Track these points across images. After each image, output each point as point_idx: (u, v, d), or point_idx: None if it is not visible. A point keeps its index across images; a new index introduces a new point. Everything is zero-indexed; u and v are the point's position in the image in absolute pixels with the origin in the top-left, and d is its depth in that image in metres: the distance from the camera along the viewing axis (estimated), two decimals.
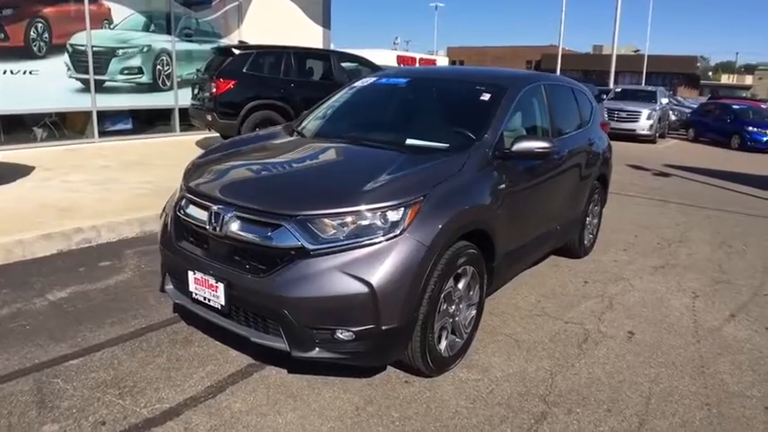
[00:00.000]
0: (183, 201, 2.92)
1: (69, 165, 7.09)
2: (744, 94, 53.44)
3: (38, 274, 3.98)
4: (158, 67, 9.74)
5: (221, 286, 2.57)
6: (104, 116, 9.19)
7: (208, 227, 2.64)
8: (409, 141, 3.34)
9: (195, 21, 10.28)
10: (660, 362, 3.26)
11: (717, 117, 17.97)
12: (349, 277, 2.37)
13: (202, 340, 3.16)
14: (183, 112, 10.03)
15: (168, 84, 9.97)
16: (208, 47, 10.21)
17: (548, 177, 3.83)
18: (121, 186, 6.02)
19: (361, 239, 2.43)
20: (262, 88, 8.26)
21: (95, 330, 3.22)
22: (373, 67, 9.83)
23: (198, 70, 9.06)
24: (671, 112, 20.10)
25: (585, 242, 5.05)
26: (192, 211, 2.83)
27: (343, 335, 2.44)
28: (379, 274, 2.37)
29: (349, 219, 2.45)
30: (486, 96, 3.52)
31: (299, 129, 3.76)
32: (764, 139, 16.03)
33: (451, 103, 3.69)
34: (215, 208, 2.65)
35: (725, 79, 79.49)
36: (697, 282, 4.67)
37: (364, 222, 2.46)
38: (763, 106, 18.88)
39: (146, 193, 5.81)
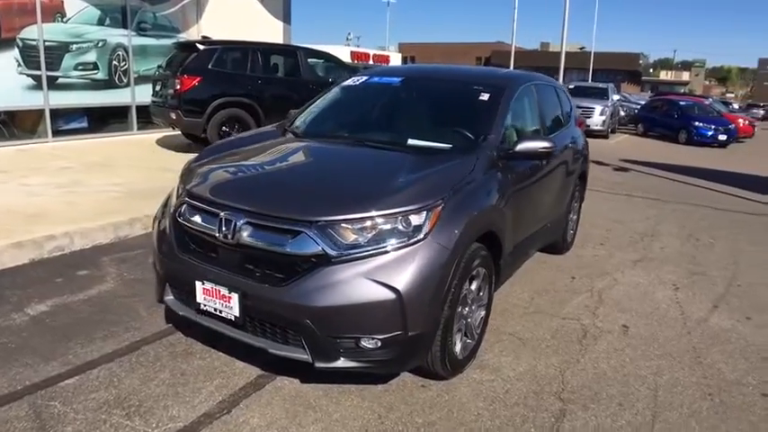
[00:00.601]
0: (184, 206, 2.76)
1: (27, 167, 6.66)
2: (682, 90, 56.18)
3: (12, 286, 3.71)
4: (114, 62, 9.28)
5: (235, 297, 2.45)
6: (57, 114, 8.68)
7: (217, 234, 2.51)
8: (411, 142, 3.29)
9: (152, 15, 9.85)
10: (658, 354, 3.36)
11: (664, 113, 18.79)
12: (375, 284, 2.30)
13: (204, 352, 3.02)
14: (141, 109, 9.64)
15: (125, 80, 9.51)
16: (166, 42, 9.81)
17: (542, 176, 3.87)
18: (88, 189, 5.70)
19: (384, 244, 2.37)
20: (228, 85, 8.03)
21: (86, 346, 3.02)
22: (341, 65, 9.73)
23: (159, 66, 8.69)
24: (620, 107, 20.86)
25: (567, 238, 5.15)
26: (196, 217, 2.68)
27: (368, 343, 2.38)
28: (405, 280, 2.32)
29: (371, 223, 2.39)
30: (484, 96, 3.52)
31: (295, 129, 3.64)
32: (709, 133, 16.89)
33: (451, 104, 3.66)
34: (224, 214, 2.52)
35: (663, 75, 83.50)
36: (675, 274, 4.84)
37: (386, 227, 2.40)
38: (706, 102, 19.86)
39: (116, 196, 5.52)
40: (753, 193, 9.21)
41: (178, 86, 7.56)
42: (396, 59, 47.91)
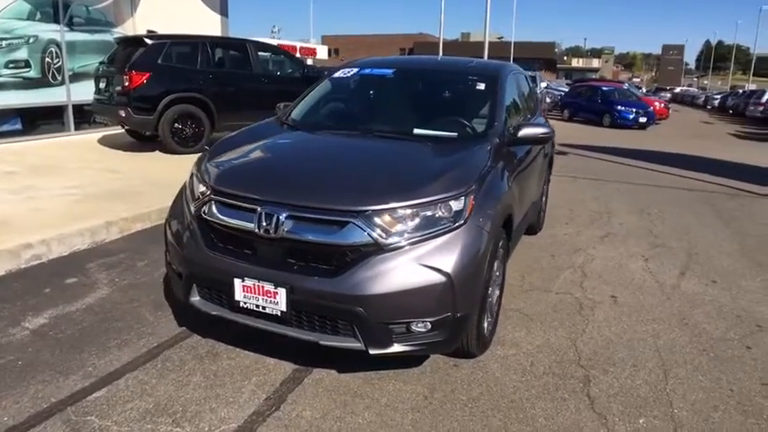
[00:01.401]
0: (211, 204, 2.69)
1: None
2: (593, 76, 59.62)
3: None
4: (47, 59, 8.63)
5: (282, 292, 2.44)
6: None
7: (257, 230, 2.48)
8: (417, 131, 3.36)
9: (85, 8, 9.22)
10: (650, 319, 3.65)
11: (588, 98, 19.90)
12: (426, 269, 2.38)
13: (230, 352, 2.97)
14: (78, 108, 9.07)
15: (59, 78, 8.88)
16: (101, 37, 9.28)
17: (531, 160, 4.07)
18: (46, 194, 5.33)
19: (431, 230, 2.44)
20: (179, 81, 7.71)
21: (102, 356, 2.88)
22: (290, 58, 9.59)
23: (102, 62, 8.19)
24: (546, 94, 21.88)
25: (540, 218, 5.42)
26: (227, 213, 2.63)
27: (418, 326, 2.45)
28: (454, 263, 2.41)
29: (416, 211, 2.46)
30: (481, 86, 3.66)
31: (296, 122, 3.61)
32: (631, 116, 18.10)
33: (450, 94, 3.77)
34: (263, 209, 2.49)
35: (575, 63, 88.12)
36: (639, 247, 5.23)
37: (429, 213, 2.48)
38: (624, 86, 21.19)
39: (77, 200, 5.21)
40: (681, 170, 10.01)
41: (127, 83, 7.18)
42: (322, 52, 47.70)
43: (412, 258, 2.38)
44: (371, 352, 2.44)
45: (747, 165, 11.38)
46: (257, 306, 2.52)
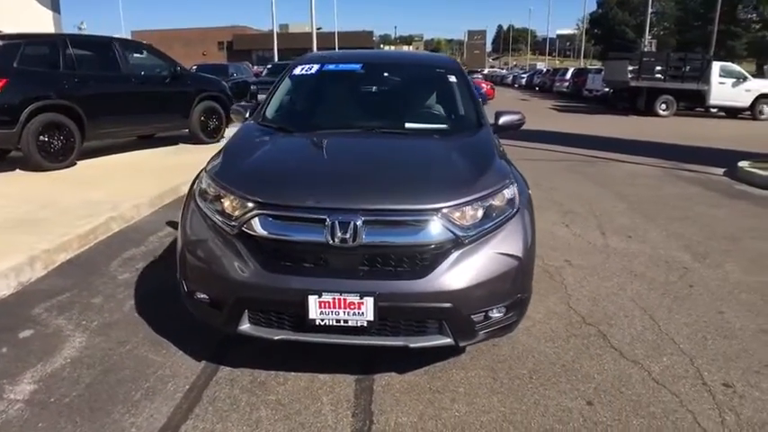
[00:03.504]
0: (256, 219, 2.48)
1: None
2: None
3: None
4: None
5: (369, 301, 2.37)
6: None
7: (331, 241, 2.37)
8: (408, 125, 3.43)
9: None
10: (608, 275, 4.20)
11: None
12: (503, 256, 2.50)
13: (275, 377, 2.79)
14: None
15: None
16: None
17: None
18: None
19: (496, 220, 2.56)
20: (42, 86, 6.63)
21: (138, 413, 2.50)
22: (160, 56, 8.76)
23: None
24: None
25: None
26: (285, 227, 2.45)
27: (494, 312, 2.56)
28: (521, 247, 2.57)
29: (481, 203, 2.55)
30: (452, 78, 3.82)
31: (286, 124, 3.42)
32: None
33: (430, 86, 3.86)
34: (334, 219, 2.37)
35: (388, 49, 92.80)
36: (555, 215, 5.89)
37: (489, 203, 2.59)
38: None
39: None
40: (536, 143, 11.31)
41: None
42: None
43: (488, 248, 2.49)
44: (461, 344, 2.52)
45: (580, 134, 13.25)
46: (338, 321, 2.41)
